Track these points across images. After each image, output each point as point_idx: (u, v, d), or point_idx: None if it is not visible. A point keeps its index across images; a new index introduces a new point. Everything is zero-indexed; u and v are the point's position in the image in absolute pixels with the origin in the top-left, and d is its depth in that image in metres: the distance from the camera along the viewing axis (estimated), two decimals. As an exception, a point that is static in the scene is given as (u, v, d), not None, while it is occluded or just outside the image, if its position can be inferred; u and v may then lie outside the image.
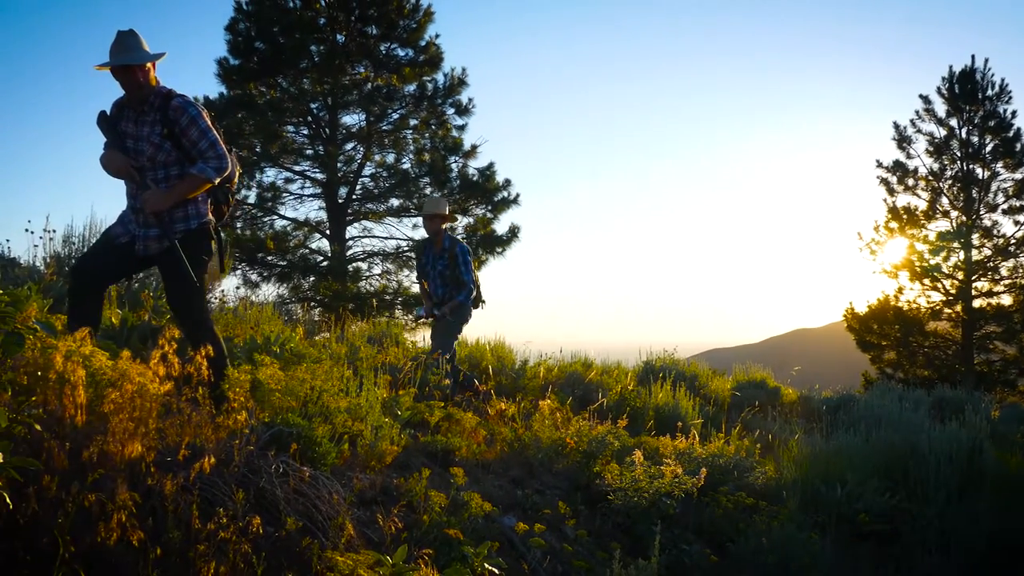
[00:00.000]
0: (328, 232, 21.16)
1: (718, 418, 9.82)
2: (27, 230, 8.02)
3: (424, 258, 8.58)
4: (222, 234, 4.93)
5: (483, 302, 8.83)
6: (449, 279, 8.39)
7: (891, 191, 27.60)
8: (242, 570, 2.74)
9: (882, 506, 6.42)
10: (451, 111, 21.13)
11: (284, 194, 21.42)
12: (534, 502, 5.05)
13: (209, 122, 4.67)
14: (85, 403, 2.96)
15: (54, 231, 8.11)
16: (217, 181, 4.65)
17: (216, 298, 9.41)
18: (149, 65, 4.59)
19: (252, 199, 21.48)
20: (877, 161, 27.85)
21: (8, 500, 2.27)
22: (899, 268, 27.12)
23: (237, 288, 20.54)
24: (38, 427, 2.57)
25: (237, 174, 5.07)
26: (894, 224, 27.30)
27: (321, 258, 21.18)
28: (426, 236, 8.64)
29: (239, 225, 21.40)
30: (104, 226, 8.69)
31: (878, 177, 27.80)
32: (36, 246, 8.15)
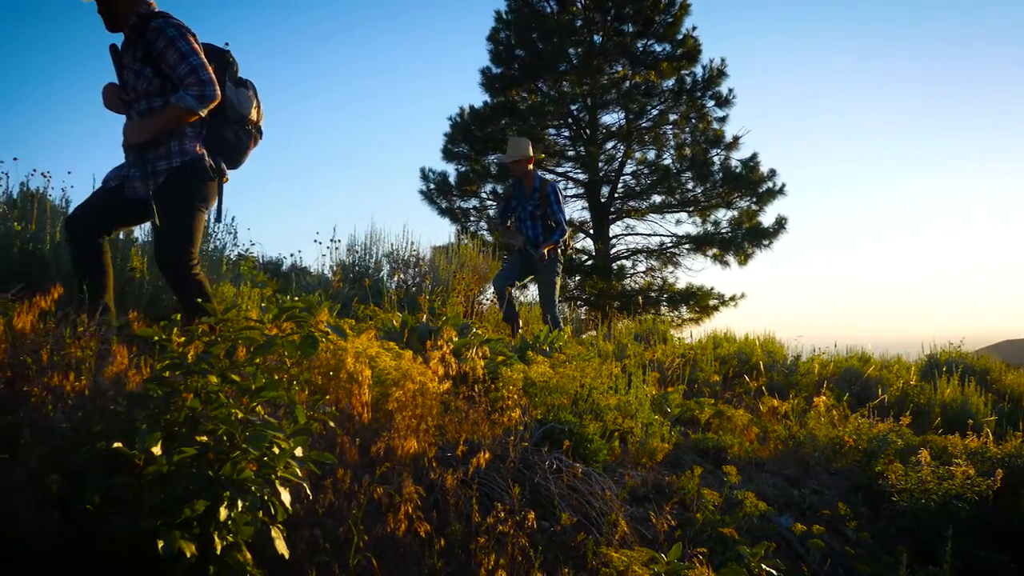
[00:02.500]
0: (592, 231, 21.37)
1: (1014, 416, 9.05)
2: (316, 241, 8.68)
3: (513, 200, 8.37)
4: (223, 179, 4.43)
5: (572, 249, 8.60)
6: (540, 219, 8.16)
7: None
8: (520, 563, 2.82)
9: None
10: (711, 103, 20.76)
11: (548, 195, 21.80)
12: (811, 502, 4.87)
13: (194, 45, 4.06)
14: (370, 401, 3.15)
15: (339, 241, 8.69)
16: (203, 112, 4.07)
17: (488, 299, 9.72)
18: None
19: (518, 202, 22.02)
20: None
21: (309, 491, 2.46)
22: None
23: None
24: (332, 423, 2.76)
25: (255, 109, 4.55)
26: None
27: (586, 257, 21.40)
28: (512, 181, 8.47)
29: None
30: (382, 234, 9.23)
31: None
32: (324, 255, 8.81)
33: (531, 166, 8.23)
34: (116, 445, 2.08)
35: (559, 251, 8.13)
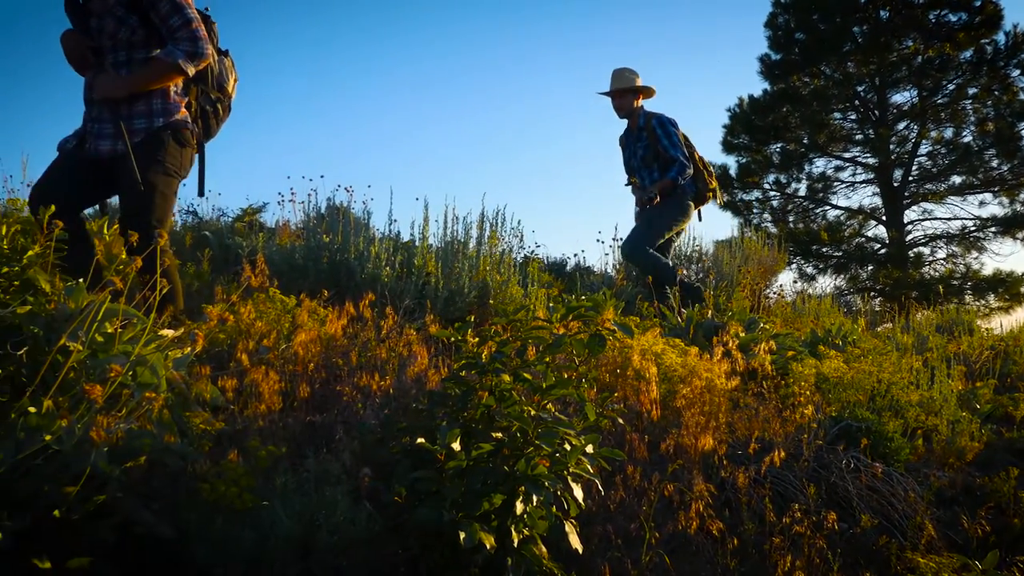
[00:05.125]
0: (884, 218, 20.35)
1: None
2: (598, 240, 8.85)
3: (626, 150, 6.96)
4: (204, 148, 4.04)
5: (713, 192, 6.83)
6: (653, 162, 6.67)
7: None
8: (817, 565, 2.72)
9: None
10: (1016, 72, 19.11)
11: (835, 183, 21.09)
12: None
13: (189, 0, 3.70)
14: (658, 398, 3.15)
15: (621, 239, 8.76)
16: (192, 71, 3.69)
17: (775, 292, 9.47)
18: None
19: (802, 191, 21.44)
20: None
21: (600, 487, 2.50)
22: None
23: (794, 282, 20.59)
24: (620, 420, 2.79)
25: (233, 80, 4.16)
26: None
27: (878, 245, 20.43)
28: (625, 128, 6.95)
29: (791, 219, 21.45)
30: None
31: None
32: (606, 254, 8.94)
33: (640, 102, 6.80)
34: (419, 441, 2.21)
35: (681, 194, 6.63)
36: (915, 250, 20.08)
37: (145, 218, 3.57)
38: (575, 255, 10.46)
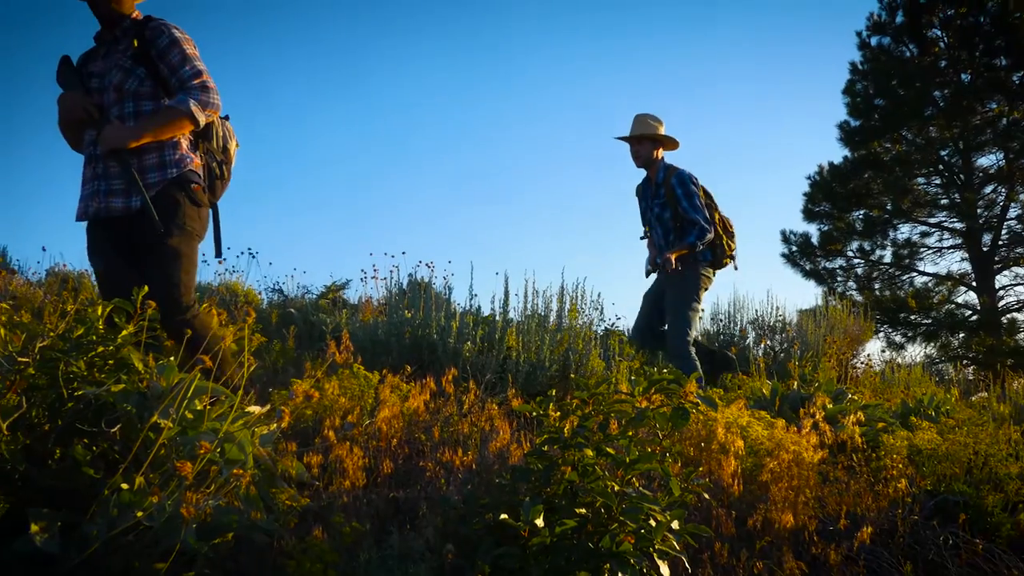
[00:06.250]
0: (974, 283, 19.81)
1: None
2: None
3: (643, 202, 6.42)
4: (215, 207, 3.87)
5: (732, 258, 6.33)
6: (671, 222, 6.14)
7: None
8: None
9: None
10: (1107, 131, 18.64)
11: (921, 249, 20.64)
12: None
13: (197, 52, 3.59)
14: (740, 472, 3.09)
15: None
16: (203, 121, 3.53)
17: (862, 362, 9.25)
18: None
19: (888, 258, 21.05)
20: None
21: (687, 564, 2.44)
22: None
23: (882, 351, 20.09)
24: (706, 495, 2.74)
25: (235, 145, 4.01)
26: None
27: (969, 312, 19.87)
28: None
29: (877, 286, 21.06)
30: (745, 301, 9.07)
31: None
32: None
33: (660, 153, 6.25)
34: (503, 517, 2.20)
35: (694, 262, 6.09)
36: (1008, 316, 19.49)
37: (175, 289, 3.44)
38: (656, 327, 10.37)
